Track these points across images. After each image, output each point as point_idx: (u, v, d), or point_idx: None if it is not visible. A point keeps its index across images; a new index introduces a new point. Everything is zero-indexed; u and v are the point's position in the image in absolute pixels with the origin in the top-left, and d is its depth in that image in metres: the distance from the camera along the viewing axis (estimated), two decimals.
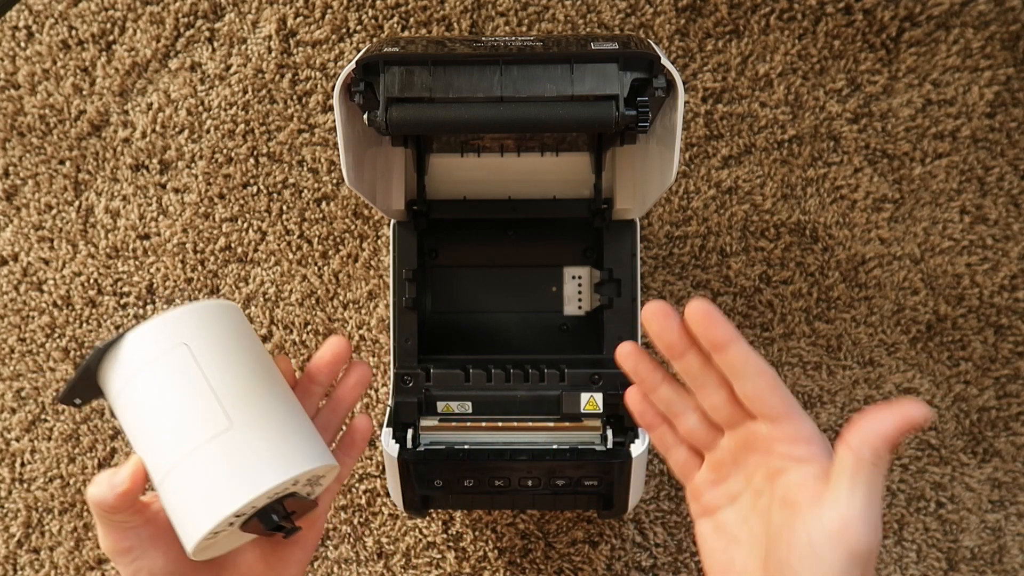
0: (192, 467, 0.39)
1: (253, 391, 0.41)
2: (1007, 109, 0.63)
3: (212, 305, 0.42)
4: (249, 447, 0.39)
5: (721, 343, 0.40)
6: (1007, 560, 0.62)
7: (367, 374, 0.47)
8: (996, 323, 0.63)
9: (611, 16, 0.64)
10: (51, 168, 0.65)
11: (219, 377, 0.40)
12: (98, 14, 0.64)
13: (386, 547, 0.63)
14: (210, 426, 0.39)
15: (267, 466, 0.39)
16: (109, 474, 0.40)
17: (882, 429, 0.37)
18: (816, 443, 0.41)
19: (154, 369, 0.40)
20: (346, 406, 0.47)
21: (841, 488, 0.37)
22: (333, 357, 0.46)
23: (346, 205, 0.64)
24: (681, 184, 0.64)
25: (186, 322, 0.41)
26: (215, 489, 0.39)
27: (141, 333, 0.40)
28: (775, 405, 0.41)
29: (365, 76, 0.40)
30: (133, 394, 0.40)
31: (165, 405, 0.40)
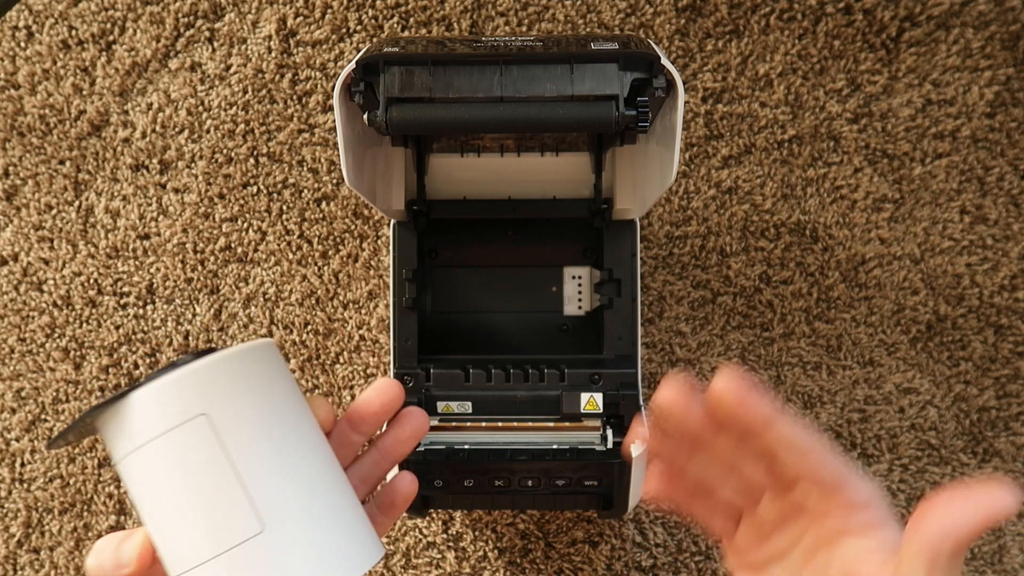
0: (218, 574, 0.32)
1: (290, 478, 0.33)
2: (1007, 109, 0.63)
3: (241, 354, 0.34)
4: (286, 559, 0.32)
5: (762, 424, 0.35)
6: (1007, 560, 0.62)
7: (424, 426, 0.40)
8: (996, 323, 0.63)
9: (611, 16, 0.64)
10: (51, 168, 0.65)
11: (247, 460, 0.32)
12: (98, 14, 0.64)
13: (386, 547, 0.63)
14: (237, 529, 0.32)
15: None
16: (112, 545, 0.34)
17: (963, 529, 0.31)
18: (874, 509, 0.35)
19: (166, 443, 0.32)
20: (393, 460, 0.41)
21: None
22: (382, 407, 0.39)
23: (346, 205, 0.64)
24: (681, 184, 0.64)
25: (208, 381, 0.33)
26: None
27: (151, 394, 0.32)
28: (826, 478, 0.35)
29: (365, 76, 0.40)
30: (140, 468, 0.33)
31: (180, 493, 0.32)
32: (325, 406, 0.37)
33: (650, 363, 0.63)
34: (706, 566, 0.63)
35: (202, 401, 0.32)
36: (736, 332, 0.63)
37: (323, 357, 0.64)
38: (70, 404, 0.64)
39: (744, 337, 0.63)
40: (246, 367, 0.34)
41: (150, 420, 0.32)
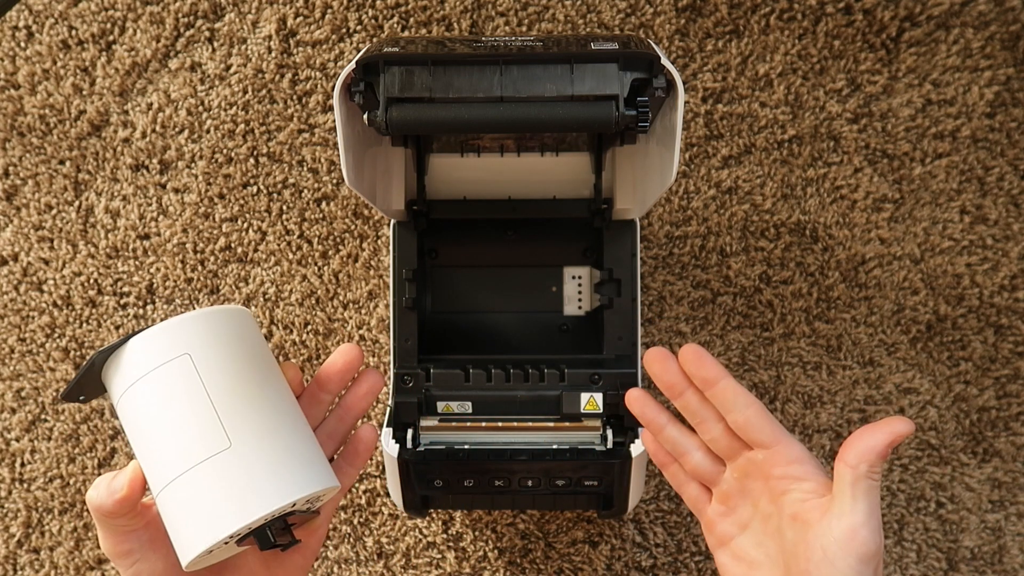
0: (188, 485, 0.39)
1: (255, 408, 0.40)
2: (1007, 109, 0.63)
3: (219, 312, 0.41)
4: (247, 470, 0.39)
5: (711, 380, 0.45)
6: (1007, 560, 0.63)
7: (379, 383, 0.47)
8: (996, 323, 0.63)
9: (611, 16, 0.64)
10: (51, 168, 0.65)
11: (221, 391, 0.40)
12: (98, 14, 0.64)
13: (386, 547, 0.63)
14: (209, 445, 0.39)
15: (264, 491, 0.39)
16: (108, 478, 0.40)
17: (874, 445, 0.41)
18: (808, 462, 0.45)
19: (155, 377, 0.39)
20: (355, 414, 0.47)
21: (844, 500, 0.42)
22: (344, 365, 0.46)
23: (346, 205, 0.64)
24: (681, 184, 0.64)
25: (191, 329, 0.40)
26: (210, 511, 0.38)
27: (145, 338, 0.40)
28: (765, 432, 0.45)
29: (365, 76, 0.40)
30: (134, 401, 0.40)
31: (165, 417, 0.39)
32: (294, 369, 0.45)
33: None
34: (706, 566, 0.63)
35: (186, 343, 0.40)
36: (736, 332, 0.63)
37: (323, 357, 0.64)
38: (70, 404, 0.64)
39: (744, 337, 0.63)
40: (226, 319, 0.41)
41: (147, 356, 0.39)
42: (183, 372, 0.39)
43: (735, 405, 0.45)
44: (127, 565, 0.42)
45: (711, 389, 0.46)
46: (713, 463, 0.48)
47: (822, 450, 0.63)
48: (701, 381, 0.46)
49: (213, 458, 0.39)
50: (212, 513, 0.38)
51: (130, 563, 0.42)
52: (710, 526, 0.48)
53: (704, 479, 0.48)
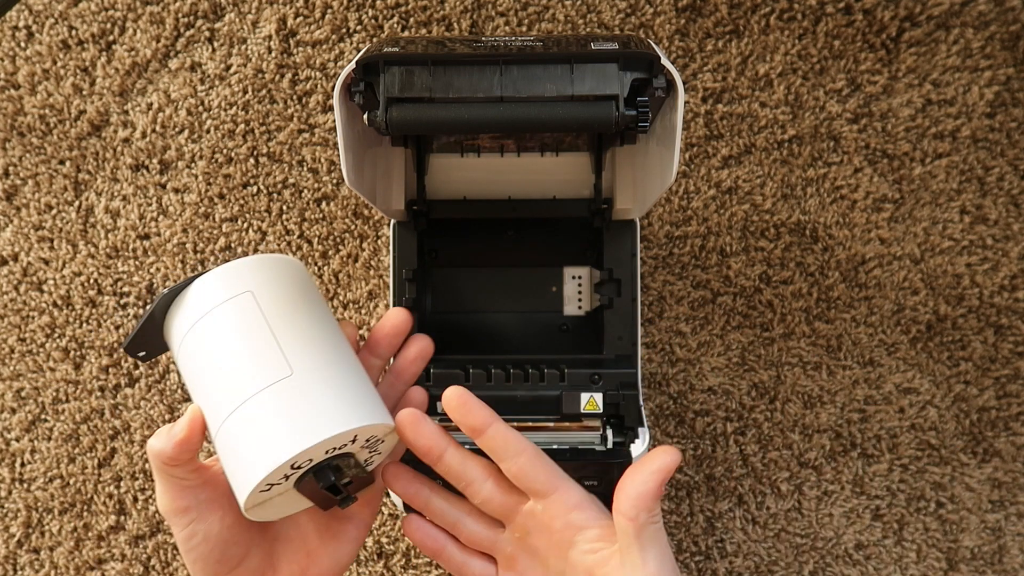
0: (249, 414, 0.38)
1: (316, 342, 0.40)
2: (1007, 109, 0.63)
3: (278, 257, 0.43)
4: (309, 397, 0.39)
5: (480, 427, 0.42)
6: (1007, 560, 0.63)
7: (429, 347, 0.47)
8: (996, 323, 0.63)
9: (611, 16, 0.64)
10: (51, 168, 0.65)
11: (282, 325, 0.40)
12: (98, 14, 0.64)
13: (386, 547, 0.63)
14: (271, 373, 0.39)
15: (326, 416, 0.38)
16: (168, 426, 0.40)
17: (645, 491, 0.40)
18: (588, 507, 0.42)
19: (217, 315, 0.40)
20: (406, 379, 0.47)
21: (634, 554, 0.40)
22: (393, 328, 0.46)
23: (346, 205, 0.64)
24: (681, 184, 0.64)
25: (251, 270, 0.41)
26: (271, 437, 0.38)
27: (207, 279, 0.41)
28: (541, 479, 0.42)
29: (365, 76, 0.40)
30: (195, 340, 0.40)
31: (226, 351, 0.39)
32: (351, 327, 0.45)
33: (650, 363, 0.63)
34: (706, 566, 0.63)
35: (249, 281, 0.41)
36: (736, 332, 0.63)
37: None
38: (70, 404, 0.64)
39: (744, 337, 0.63)
40: (284, 265, 0.43)
41: (210, 296, 0.40)
42: (245, 308, 0.40)
43: (507, 452, 0.42)
44: (183, 524, 0.41)
45: (480, 437, 0.42)
46: (490, 527, 0.45)
47: (822, 450, 0.63)
48: (468, 429, 0.42)
49: (274, 385, 0.38)
50: (272, 440, 0.37)
51: (187, 521, 0.41)
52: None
53: (484, 547, 0.45)
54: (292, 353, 0.39)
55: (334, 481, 0.39)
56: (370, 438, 0.41)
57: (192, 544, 0.41)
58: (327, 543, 0.45)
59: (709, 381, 0.63)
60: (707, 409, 0.63)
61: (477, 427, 0.42)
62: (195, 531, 0.41)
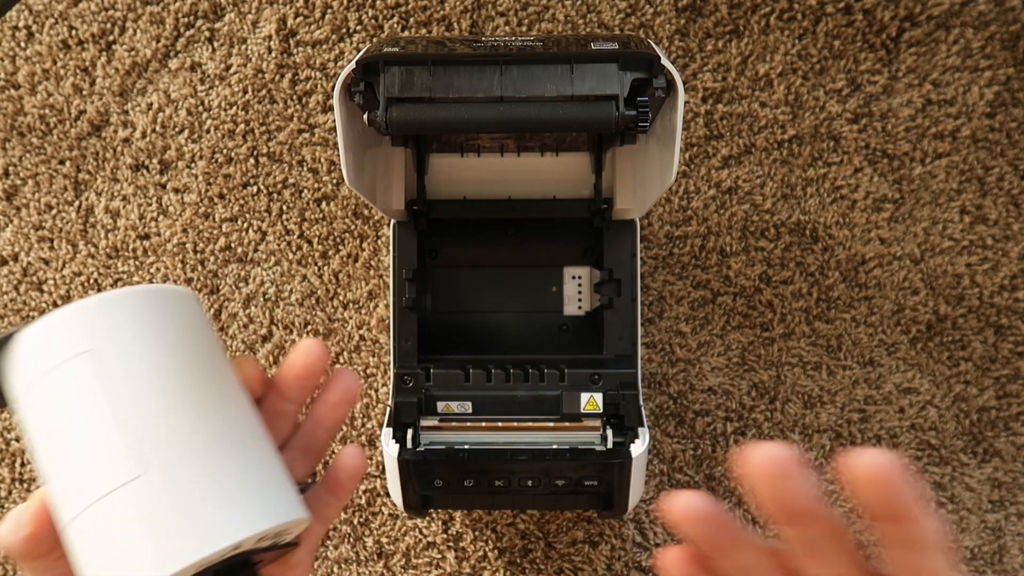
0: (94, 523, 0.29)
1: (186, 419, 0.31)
2: (1007, 109, 0.63)
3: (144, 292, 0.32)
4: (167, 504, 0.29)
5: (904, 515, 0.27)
6: (1007, 560, 0.62)
7: (353, 388, 0.37)
8: (996, 323, 0.63)
9: (611, 16, 0.64)
10: (51, 168, 0.65)
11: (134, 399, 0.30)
12: (98, 14, 0.64)
13: (386, 547, 0.63)
14: (117, 471, 0.29)
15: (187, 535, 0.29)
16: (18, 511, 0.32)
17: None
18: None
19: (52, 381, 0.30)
20: (327, 427, 0.38)
21: None
22: (304, 369, 0.36)
23: (346, 205, 0.64)
24: (681, 184, 0.64)
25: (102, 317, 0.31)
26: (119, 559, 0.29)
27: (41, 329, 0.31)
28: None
29: (365, 76, 0.40)
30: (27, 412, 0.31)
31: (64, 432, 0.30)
32: (252, 364, 0.35)
33: (650, 363, 0.63)
34: None
35: (95, 335, 0.30)
36: (736, 332, 0.63)
37: None
38: None
39: (744, 337, 0.63)
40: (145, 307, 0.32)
41: (44, 353, 0.30)
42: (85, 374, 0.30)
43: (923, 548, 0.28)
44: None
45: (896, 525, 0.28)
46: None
47: (822, 450, 0.63)
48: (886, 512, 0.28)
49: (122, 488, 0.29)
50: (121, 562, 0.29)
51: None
52: None
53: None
54: (146, 440, 0.30)
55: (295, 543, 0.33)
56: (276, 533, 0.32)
57: None
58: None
59: (709, 381, 0.63)
60: (707, 409, 0.63)
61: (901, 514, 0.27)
62: None
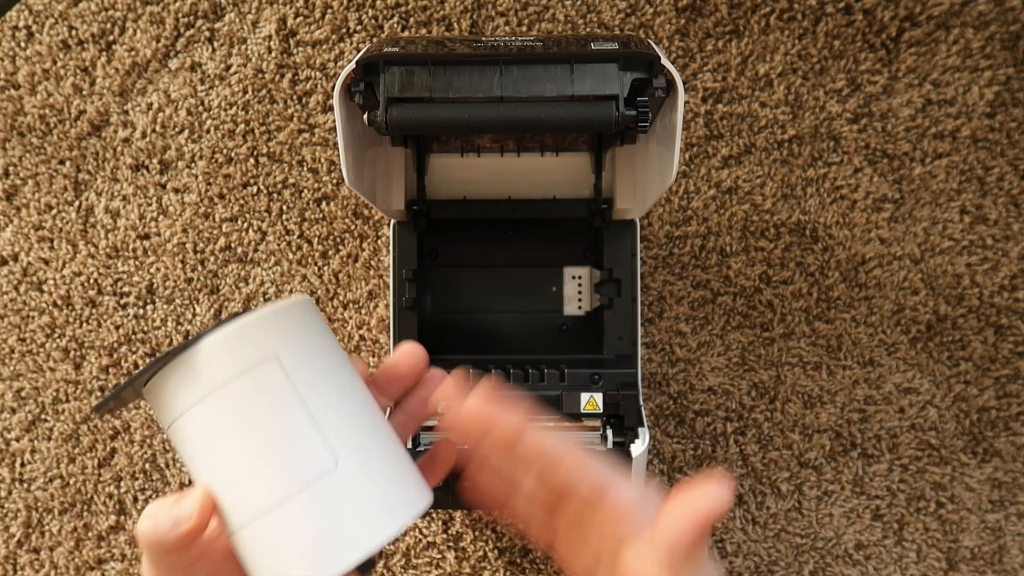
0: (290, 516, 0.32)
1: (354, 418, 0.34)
2: (1007, 109, 0.63)
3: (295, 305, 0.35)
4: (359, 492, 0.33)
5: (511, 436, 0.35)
6: (1007, 560, 0.62)
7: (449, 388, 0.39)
8: (996, 323, 0.63)
9: (611, 16, 0.64)
10: (51, 168, 0.65)
11: (316, 399, 0.33)
12: (98, 14, 0.64)
13: (386, 547, 0.63)
14: (312, 466, 0.32)
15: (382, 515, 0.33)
16: (168, 506, 0.33)
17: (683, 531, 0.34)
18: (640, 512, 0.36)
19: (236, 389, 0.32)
20: (420, 420, 0.41)
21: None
22: (409, 370, 0.39)
23: (346, 205, 0.64)
24: (681, 184, 0.64)
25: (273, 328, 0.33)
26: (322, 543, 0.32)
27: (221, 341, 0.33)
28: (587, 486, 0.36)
29: (365, 76, 0.40)
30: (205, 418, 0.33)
31: (253, 435, 0.32)
32: (361, 362, 0.38)
33: (650, 363, 0.63)
34: None
35: (272, 344, 0.33)
36: (736, 332, 0.63)
37: None
38: (70, 404, 0.64)
39: (744, 337, 0.63)
40: (303, 316, 0.35)
41: (222, 365, 0.32)
42: (272, 380, 0.33)
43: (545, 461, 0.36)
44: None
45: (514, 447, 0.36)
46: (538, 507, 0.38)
47: (822, 450, 0.63)
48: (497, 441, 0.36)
49: (319, 482, 0.32)
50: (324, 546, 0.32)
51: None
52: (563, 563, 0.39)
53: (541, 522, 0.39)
54: (333, 437, 0.33)
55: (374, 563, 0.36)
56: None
57: None
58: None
59: (709, 381, 0.63)
60: (707, 409, 0.63)
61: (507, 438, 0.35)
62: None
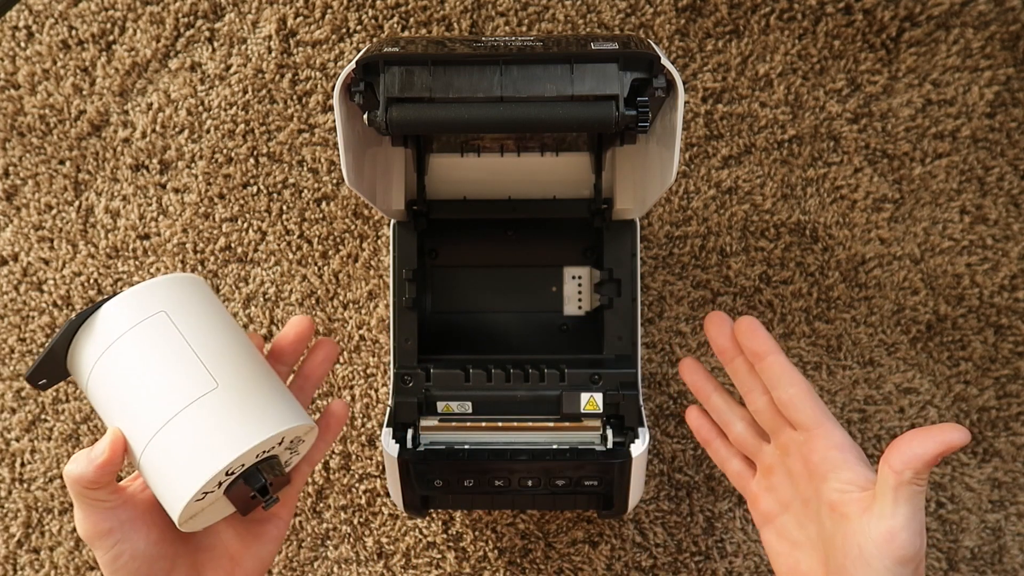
0: (179, 428, 0.40)
1: (234, 354, 0.42)
2: (1007, 109, 0.63)
3: (183, 277, 0.44)
4: (237, 405, 0.40)
5: (760, 354, 0.46)
6: (1007, 560, 0.63)
7: (333, 350, 0.49)
8: (996, 323, 0.63)
9: (611, 16, 0.64)
10: (51, 168, 0.65)
11: (199, 341, 0.41)
12: (98, 14, 0.64)
13: (386, 547, 0.63)
14: (196, 387, 0.40)
15: (256, 421, 0.40)
16: (87, 450, 0.40)
17: (923, 452, 0.40)
18: (848, 450, 0.44)
19: (133, 336, 0.41)
20: (313, 382, 0.49)
21: (886, 503, 0.41)
22: (296, 336, 0.47)
23: (346, 205, 0.64)
24: (681, 184, 0.64)
25: (161, 291, 0.42)
26: (208, 446, 0.39)
27: (117, 303, 0.41)
28: (807, 414, 0.45)
29: (365, 76, 0.40)
30: (111, 362, 0.41)
31: (148, 370, 0.40)
32: (258, 337, 0.46)
33: (650, 363, 0.63)
34: (706, 566, 0.63)
35: (159, 303, 0.42)
36: None
37: None
38: (70, 404, 0.64)
39: None
40: (189, 283, 0.44)
41: (123, 318, 0.41)
42: (161, 327, 0.41)
43: (780, 382, 0.45)
44: (108, 546, 0.42)
45: (760, 363, 0.46)
46: (756, 436, 0.49)
47: None
48: (751, 353, 0.46)
49: (201, 398, 0.40)
50: (207, 449, 0.39)
51: (111, 543, 0.42)
52: (755, 501, 0.49)
53: (747, 451, 0.49)
54: (214, 366, 0.41)
55: (264, 481, 0.41)
56: (294, 439, 0.43)
57: (118, 565, 0.42)
58: (249, 546, 0.46)
59: None
60: None
61: (759, 352, 0.46)
62: (120, 552, 0.42)
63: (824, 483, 0.44)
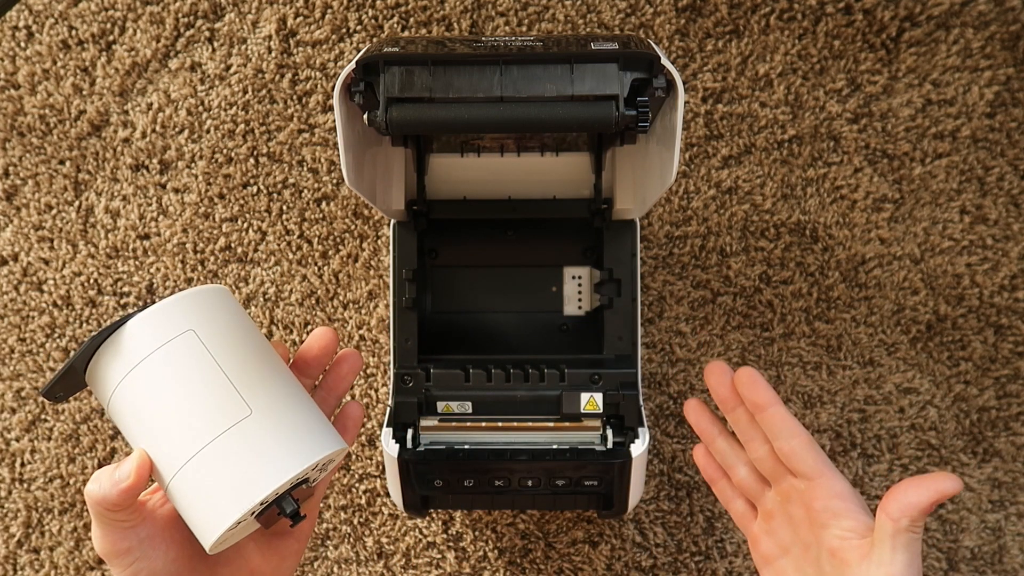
0: (213, 457, 0.38)
1: (266, 375, 0.41)
2: (1007, 109, 0.63)
3: (209, 290, 0.42)
4: (272, 434, 0.39)
5: (761, 405, 0.47)
6: (1007, 560, 0.63)
7: (358, 362, 0.48)
8: (996, 323, 0.63)
9: (611, 16, 0.64)
10: (51, 168, 0.65)
11: (231, 363, 0.40)
12: (98, 14, 0.64)
13: (386, 547, 0.63)
14: (230, 414, 0.39)
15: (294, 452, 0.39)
16: (110, 470, 0.39)
17: (918, 501, 0.42)
18: (849, 499, 0.45)
19: (161, 357, 0.39)
20: (339, 394, 0.48)
21: (884, 550, 0.42)
22: (320, 350, 0.47)
23: (346, 205, 0.64)
24: (681, 184, 0.64)
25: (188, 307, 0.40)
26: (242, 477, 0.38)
27: (142, 320, 0.39)
28: (809, 464, 0.46)
29: (365, 76, 0.40)
30: (137, 384, 0.39)
31: (178, 394, 0.39)
32: (282, 347, 0.45)
33: (650, 363, 0.63)
34: (706, 566, 0.63)
35: (187, 320, 0.40)
36: (736, 332, 0.63)
37: None
38: (70, 404, 0.64)
39: (744, 337, 0.63)
40: (216, 296, 0.42)
41: (148, 338, 0.39)
42: (190, 347, 0.39)
43: (781, 434, 0.46)
44: (125, 565, 0.41)
45: (760, 414, 0.47)
46: (758, 481, 0.50)
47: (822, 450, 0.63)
48: (752, 405, 0.47)
49: (236, 426, 0.38)
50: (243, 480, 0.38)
51: (129, 562, 0.41)
52: (755, 543, 0.50)
53: (749, 495, 0.50)
54: (247, 391, 0.39)
55: (297, 506, 0.40)
56: (327, 462, 0.42)
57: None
58: (269, 559, 0.46)
59: None
60: None
61: (760, 404, 0.46)
62: (138, 570, 0.41)
63: (825, 530, 0.45)
